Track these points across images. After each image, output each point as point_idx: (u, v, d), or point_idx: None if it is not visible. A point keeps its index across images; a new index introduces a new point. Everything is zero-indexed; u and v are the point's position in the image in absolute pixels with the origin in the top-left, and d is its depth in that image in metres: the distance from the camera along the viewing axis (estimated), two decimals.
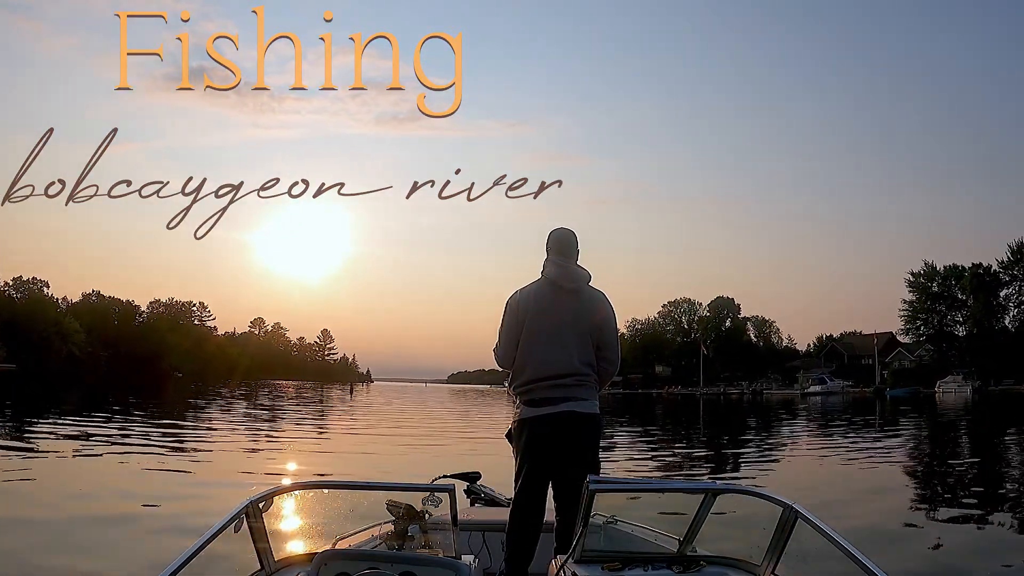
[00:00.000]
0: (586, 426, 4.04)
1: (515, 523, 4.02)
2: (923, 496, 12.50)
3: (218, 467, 14.28)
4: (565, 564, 3.35)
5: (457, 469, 5.65)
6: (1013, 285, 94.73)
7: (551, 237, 4.33)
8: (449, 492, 3.42)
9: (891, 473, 15.52)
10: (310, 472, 13.21)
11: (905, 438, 25.50)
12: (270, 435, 22.72)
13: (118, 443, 17.51)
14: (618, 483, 3.78)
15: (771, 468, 15.99)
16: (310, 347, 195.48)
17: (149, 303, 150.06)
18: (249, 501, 3.11)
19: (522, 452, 4.07)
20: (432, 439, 22.88)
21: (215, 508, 7.08)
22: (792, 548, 3.13)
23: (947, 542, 8.21)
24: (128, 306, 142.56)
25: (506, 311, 4.25)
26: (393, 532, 3.58)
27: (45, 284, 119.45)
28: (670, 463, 16.68)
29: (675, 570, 3.31)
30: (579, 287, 4.18)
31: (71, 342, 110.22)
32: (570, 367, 4.03)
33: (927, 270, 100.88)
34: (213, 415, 31.66)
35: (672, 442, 23.50)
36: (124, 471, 13.17)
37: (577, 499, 3.72)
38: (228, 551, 3.16)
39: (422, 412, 41.76)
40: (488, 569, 4.10)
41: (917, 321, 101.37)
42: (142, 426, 23.10)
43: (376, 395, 78.28)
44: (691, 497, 3.70)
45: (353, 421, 32.01)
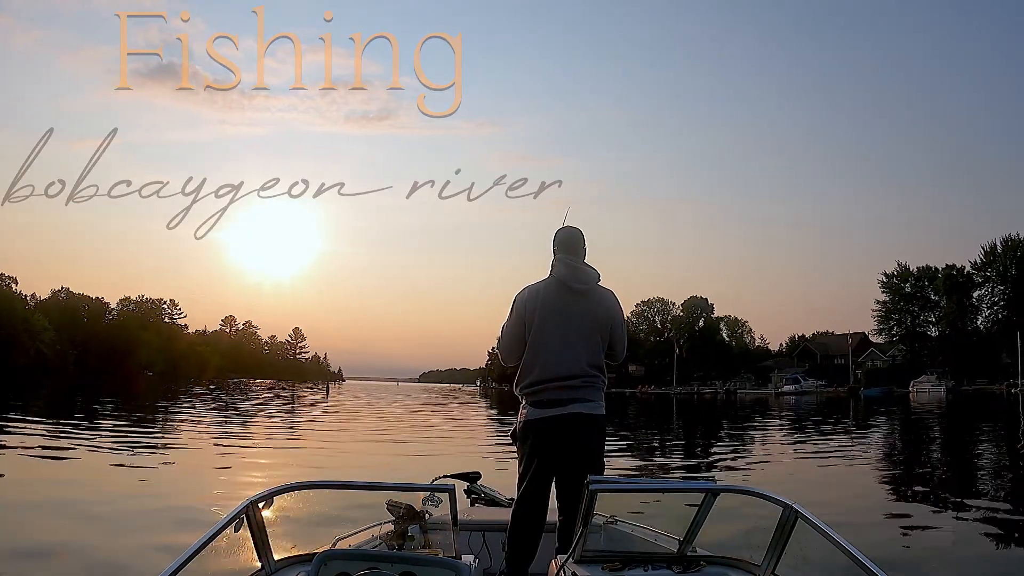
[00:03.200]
0: (592, 428, 4.04)
1: (517, 523, 4.01)
2: (905, 493, 12.60)
3: (200, 474, 13.60)
4: (565, 564, 3.34)
5: (456, 469, 5.62)
6: (986, 286, 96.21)
7: (558, 235, 4.29)
8: (449, 492, 3.39)
9: (871, 470, 15.73)
10: (304, 475, 12.83)
11: (882, 437, 25.79)
12: (254, 438, 22.10)
13: (84, 446, 16.77)
14: (618, 483, 3.77)
15: (758, 468, 16.02)
16: (281, 346, 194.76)
17: (119, 300, 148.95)
18: (249, 501, 3.08)
19: (528, 453, 4.05)
20: (424, 439, 22.74)
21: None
22: (792, 548, 3.13)
23: (932, 536, 8.33)
24: (98, 303, 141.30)
25: (512, 309, 4.21)
26: (393, 532, 3.55)
27: (13, 280, 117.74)
28: (660, 465, 16.62)
29: (675, 570, 3.31)
30: (589, 288, 4.16)
31: (39, 340, 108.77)
32: (578, 369, 4.02)
33: (900, 271, 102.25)
34: (187, 416, 30.96)
35: (651, 443, 23.51)
36: (85, 476, 12.53)
37: (578, 500, 3.74)
38: (228, 551, 3.12)
39: (405, 411, 41.55)
40: (488, 569, 4.09)
41: (890, 321, 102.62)
42: (113, 430, 22.58)
43: (350, 394, 77.73)
44: (691, 497, 3.70)
45: (338, 422, 31.55)
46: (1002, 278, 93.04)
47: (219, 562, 3.18)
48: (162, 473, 13.18)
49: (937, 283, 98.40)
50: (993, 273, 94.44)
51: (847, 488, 12.51)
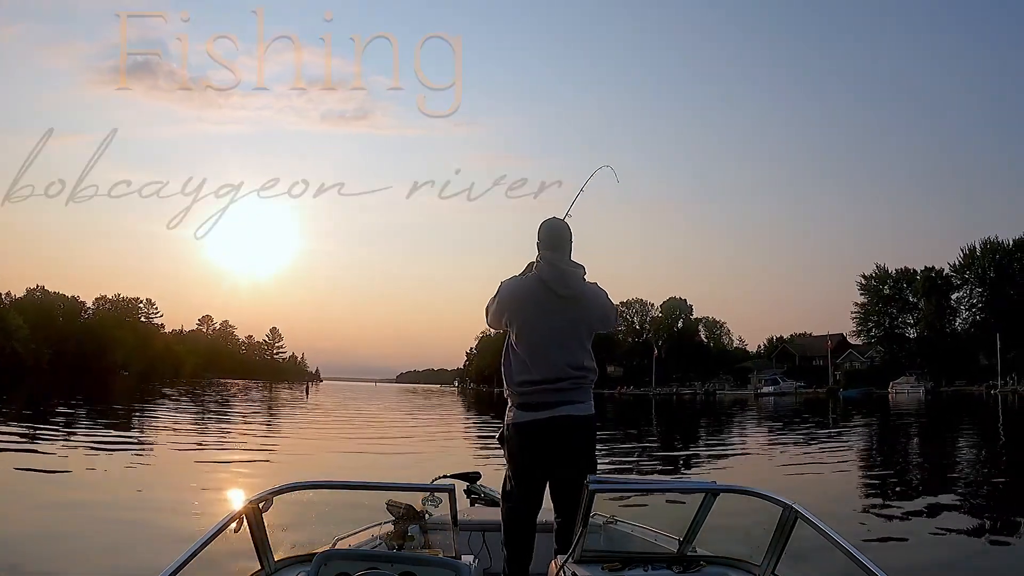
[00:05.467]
0: (581, 429, 3.95)
1: (509, 525, 3.96)
2: (891, 491, 12.69)
3: (175, 484, 12.41)
4: (565, 564, 3.33)
5: (455, 469, 5.59)
6: (964, 288, 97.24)
7: (542, 228, 4.13)
8: (449, 492, 3.39)
9: (858, 469, 15.90)
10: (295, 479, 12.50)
11: (863, 437, 25.98)
12: (234, 443, 21.53)
13: (57, 447, 16.33)
14: (618, 483, 3.76)
15: (745, 468, 16.06)
16: (259, 345, 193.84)
17: (95, 299, 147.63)
18: (249, 501, 3.06)
19: (516, 454, 3.97)
20: (414, 439, 22.59)
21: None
22: (792, 548, 3.12)
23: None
24: (73, 302, 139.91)
25: (497, 296, 4.08)
26: (393, 532, 3.55)
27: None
28: (650, 468, 16.61)
29: (675, 570, 3.30)
30: (575, 292, 3.99)
31: (14, 339, 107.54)
32: (566, 371, 3.92)
33: (879, 273, 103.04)
34: (164, 419, 30.11)
35: (638, 445, 23.49)
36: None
37: (575, 501, 3.66)
38: (228, 551, 3.10)
39: (388, 412, 41.33)
40: (488, 569, 4.07)
41: (869, 323, 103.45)
42: (92, 433, 22.23)
43: (330, 395, 77.35)
44: (691, 497, 3.69)
45: (323, 424, 31.16)
46: (980, 280, 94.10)
47: (219, 562, 3.16)
48: (135, 480, 12.53)
49: (916, 285, 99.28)
50: (972, 275, 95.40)
51: (834, 487, 12.61)
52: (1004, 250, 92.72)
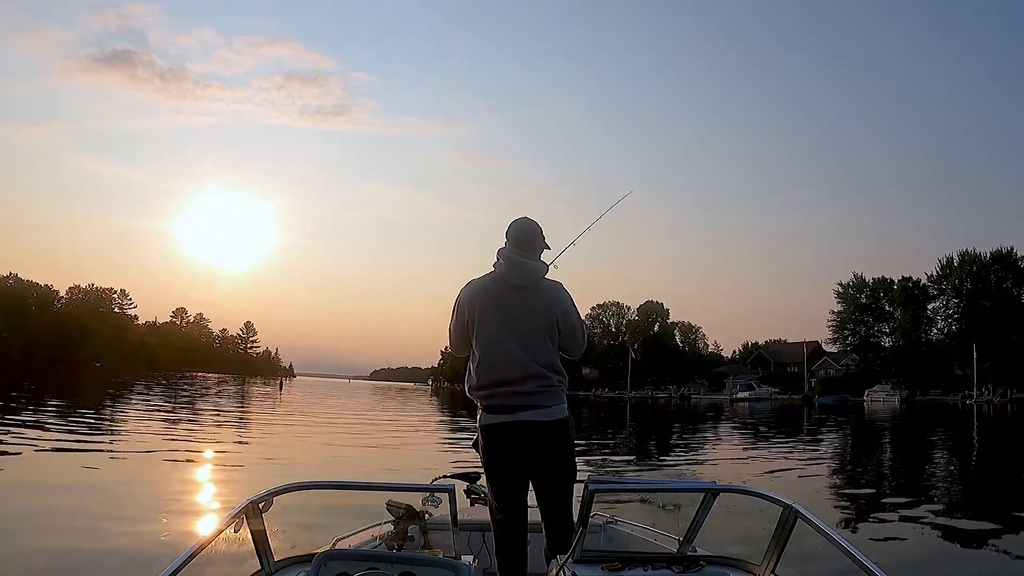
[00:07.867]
0: (547, 434, 3.79)
1: (497, 528, 3.89)
2: (875, 495, 12.76)
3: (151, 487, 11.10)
4: (564, 564, 3.32)
5: (452, 470, 5.56)
6: (941, 299, 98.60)
7: (511, 227, 4.00)
8: (449, 492, 3.37)
9: (838, 473, 16.02)
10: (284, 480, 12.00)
11: (840, 444, 26.16)
12: (214, 440, 20.82)
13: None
14: (618, 483, 3.76)
15: (729, 469, 16.08)
16: (232, 339, 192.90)
17: (68, 289, 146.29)
18: (249, 501, 3.04)
19: (487, 458, 3.87)
20: (404, 439, 22.43)
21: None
22: (792, 548, 3.13)
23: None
24: (47, 291, 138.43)
25: (455, 308, 3.96)
26: (393, 532, 3.55)
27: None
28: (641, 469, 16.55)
29: (675, 570, 3.29)
30: (529, 284, 3.86)
31: None
32: (526, 371, 3.76)
33: (856, 281, 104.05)
34: (139, 415, 29.08)
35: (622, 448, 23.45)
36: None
37: (551, 504, 3.72)
38: (228, 551, 3.07)
39: (369, 410, 41.03)
40: (488, 569, 4.05)
41: (845, 331, 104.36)
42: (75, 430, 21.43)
43: (304, 391, 76.35)
44: (691, 497, 3.69)
45: (304, 421, 30.52)
46: (957, 291, 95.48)
47: (219, 562, 3.13)
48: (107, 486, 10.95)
49: (892, 294, 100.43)
50: (948, 286, 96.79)
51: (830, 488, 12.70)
52: (981, 262, 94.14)
